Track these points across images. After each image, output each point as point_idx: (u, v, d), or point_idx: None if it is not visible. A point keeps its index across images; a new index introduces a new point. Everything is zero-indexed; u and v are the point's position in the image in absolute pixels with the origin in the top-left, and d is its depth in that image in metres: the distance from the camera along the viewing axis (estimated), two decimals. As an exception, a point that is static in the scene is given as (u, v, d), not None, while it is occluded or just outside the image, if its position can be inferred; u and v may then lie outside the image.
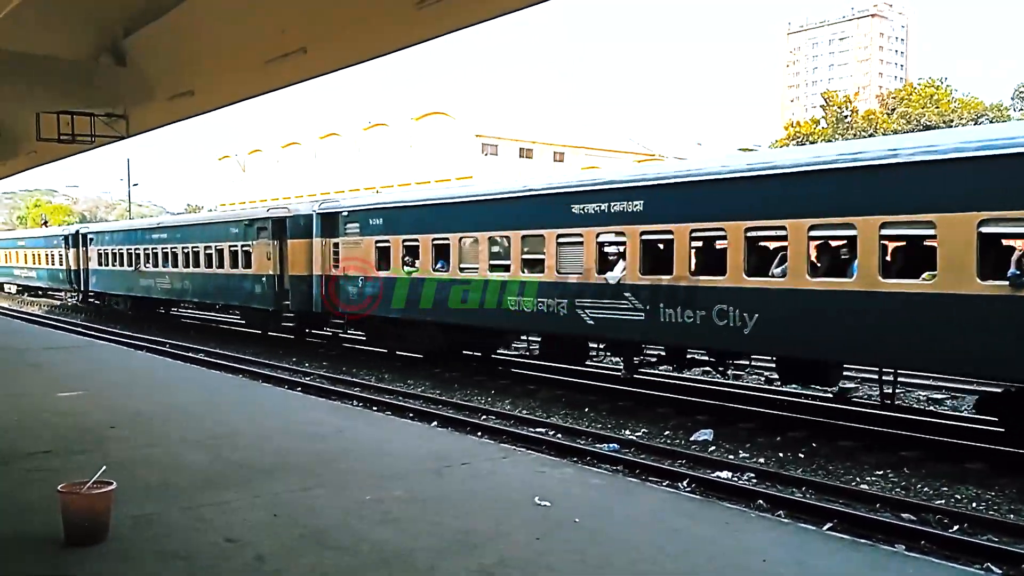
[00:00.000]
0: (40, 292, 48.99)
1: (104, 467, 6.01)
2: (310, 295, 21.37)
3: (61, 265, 39.58)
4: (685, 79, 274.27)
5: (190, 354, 22.03)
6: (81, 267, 37.09)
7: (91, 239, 36.27)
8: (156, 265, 29.92)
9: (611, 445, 11.68)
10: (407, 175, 63.03)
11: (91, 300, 38.34)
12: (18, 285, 50.96)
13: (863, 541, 6.25)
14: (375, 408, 14.42)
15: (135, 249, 31.67)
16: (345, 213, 20.46)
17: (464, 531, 5.97)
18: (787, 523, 6.97)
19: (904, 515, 8.57)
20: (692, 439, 12.39)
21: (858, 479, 10.39)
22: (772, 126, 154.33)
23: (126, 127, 19.40)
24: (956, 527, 8.27)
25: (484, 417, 13.83)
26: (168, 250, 28.98)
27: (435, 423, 13.08)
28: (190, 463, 7.97)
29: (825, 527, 8.15)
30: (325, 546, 5.64)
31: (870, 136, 53.09)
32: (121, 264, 32.83)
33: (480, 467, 7.91)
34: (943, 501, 9.45)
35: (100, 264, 35.14)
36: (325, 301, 20.90)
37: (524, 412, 14.53)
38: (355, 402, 15.03)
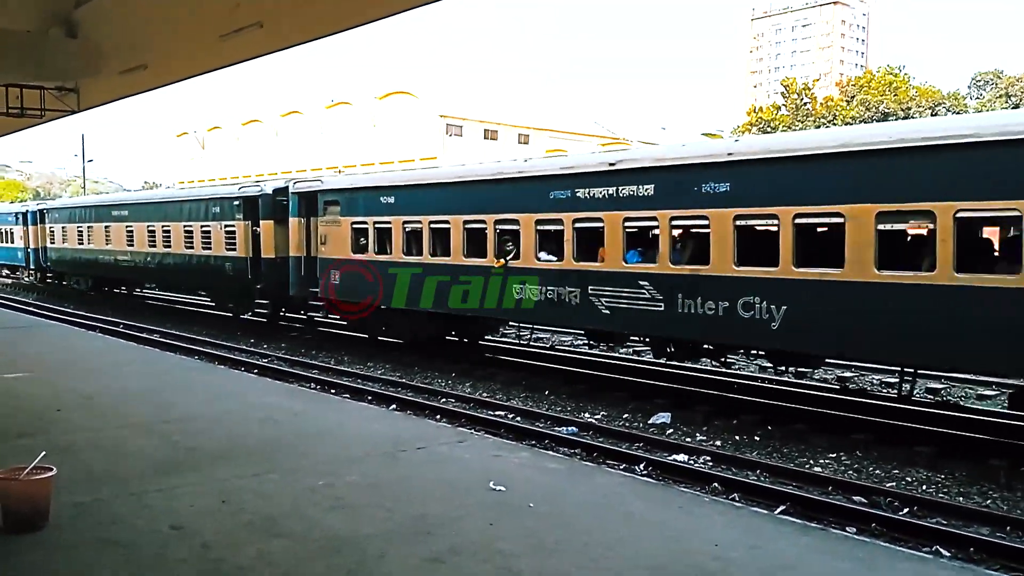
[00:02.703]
0: None
1: (44, 452, 5.83)
2: (285, 278, 20.24)
3: (18, 243, 38.20)
4: (649, 63, 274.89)
5: (145, 335, 21.58)
6: (40, 244, 35.70)
7: (50, 215, 34.85)
8: (119, 244, 28.52)
9: (569, 428, 11.69)
10: (370, 155, 62.35)
11: (49, 279, 37.32)
12: None
13: (814, 525, 6.33)
14: (333, 391, 14.26)
15: (95, 226, 30.33)
16: (327, 191, 19.10)
17: (417, 516, 5.90)
18: (740, 506, 7.01)
19: (856, 498, 8.69)
20: (650, 422, 12.45)
21: (811, 461, 10.52)
22: (736, 111, 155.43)
23: (77, 101, 18.87)
24: (906, 510, 8.41)
25: (443, 400, 13.75)
26: (132, 228, 27.61)
27: (393, 406, 12.97)
28: (138, 448, 7.79)
29: (778, 510, 8.24)
30: (273, 533, 5.53)
31: (830, 123, 53.72)
32: (82, 242, 31.43)
33: (436, 451, 7.84)
34: (894, 484, 9.60)
35: (61, 242, 33.60)
36: (302, 285, 19.70)
37: (484, 395, 14.48)
38: (313, 385, 14.86)
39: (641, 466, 9.73)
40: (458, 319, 17.08)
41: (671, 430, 12.02)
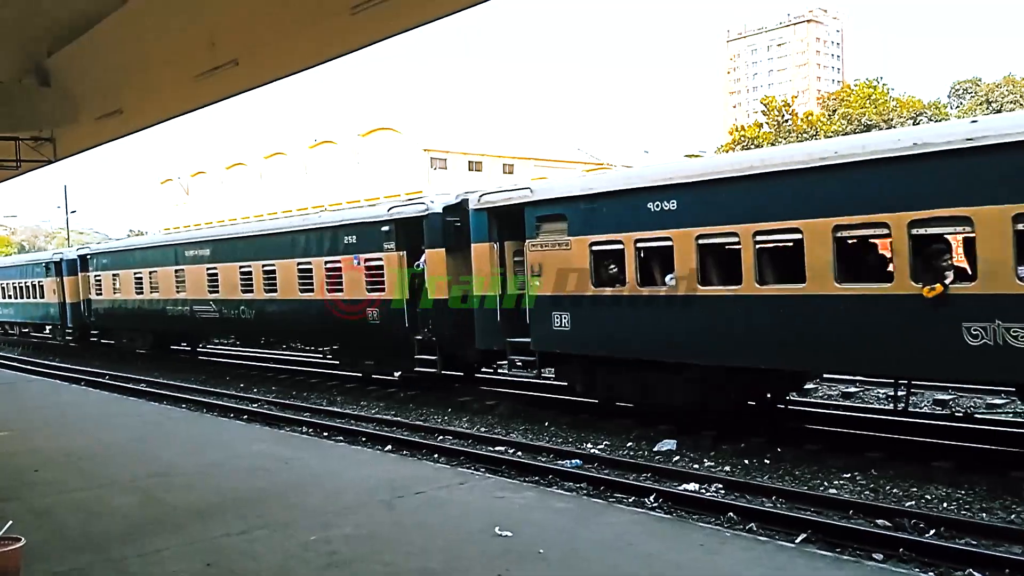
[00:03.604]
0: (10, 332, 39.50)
1: (11, 522, 5.37)
2: (461, 325, 15.19)
3: (50, 298, 31.83)
4: (629, 89, 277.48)
5: (130, 385, 21.05)
6: (81, 297, 29.86)
7: (95, 262, 28.97)
8: (196, 291, 22.88)
9: (573, 461, 11.25)
10: (355, 192, 62.21)
11: (94, 337, 31.42)
12: None
13: (846, 558, 5.92)
14: (326, 434, 13.80)
15: (161, 271, 24.65)
16: (543, 202, 13.53)
17: (419, 570, 5.47)
18: (764, 541, 6.57)
19: (879, 521, 8.28)
20: (655, 449, 12.04)
21: (826, 483, 10.13)
22: (716, 132, 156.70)
23: (53, 150, 18.53)
24: (932, 531, 7.99)
25: (440, 438, 13.29)
26: (216, 270, 22.16)
27: (389, 447, 12.52)
28: (119, 507, 7.32)
29: (799, 539, 7.84)
30: (263, 599, 5.08)
31: (812, 138, 53.92)
32: (141, 291, 25.75)
33: (435, 495, 7.40)
34: (913, 503, 9.21)
35: (111, 292, 27.67)
36: (495, 333, 14.47)
37: (483, 429, 14.05)
38: (304, 429, 14.37)
39: (651, 498, 9.30)
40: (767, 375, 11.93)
41: (677, 457, 11.61)
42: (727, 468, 10.93)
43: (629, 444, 12.48)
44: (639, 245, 12.13)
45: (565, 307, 13.10)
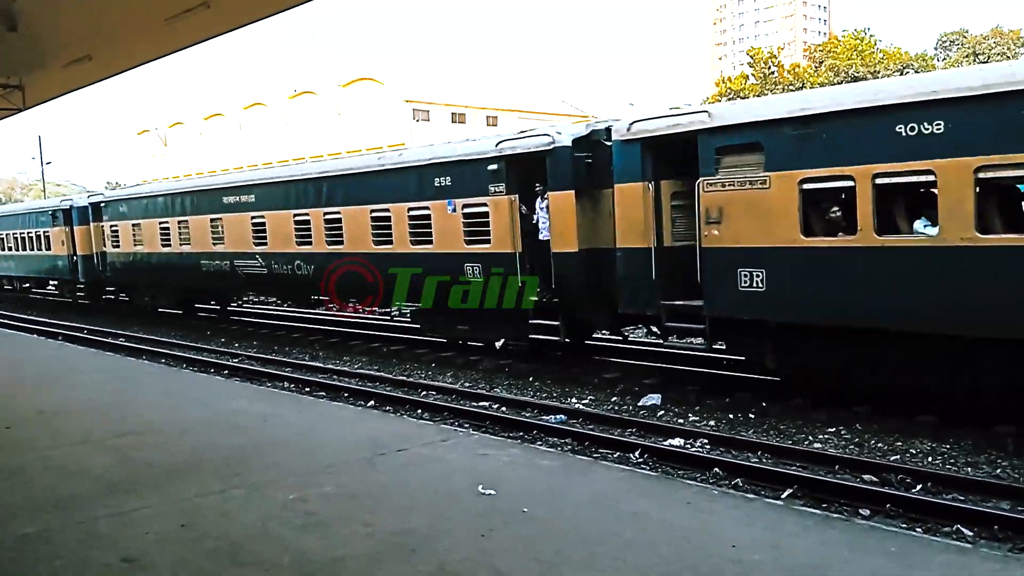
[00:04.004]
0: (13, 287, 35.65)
1: (-26, 485, 5.16)
2: (596, 282, 12.79)
3: (57, 250, 28.18)
4: (614, 41, 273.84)
5: (109, 340, 20.72)
6: (94, 250, 26.43)
7: (110, 210, 25.39)
8: (238, 243, 19.89)
9: (558, 416, 11.14)
10: (336, 144, 61.30)
11: (108, 294, 28.25)
12: None
13: (834, 516, 5.81)
14: (307, 390, 13.61)
15: (194, 220, 21.42)
16: (728, 128, 10.86)
17: (400, 531, 5.31)
18: (752, 498, 6.48)
19: (866, 476, 8.23)
20: (640, 404, 11.95)
21: (811, 437, 10.08)
22: (702, 84, 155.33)
23: (22, 98, 17.98)
24: (919, 487, 7.95)
25: (424, 393, 13.14)
26: (262, 219, 19.07)
27: (371, 403, 12.35)
28: (92, 467, 7.12)
29: (785, 494, 7.78)
30: (239, 561, 4.92)
31: (798, 89, 53.41)
32: (169, 243, 22.49)
33: (418, 453, 7.24)
34: (898, 457, 9.18)
35: (130, 244, 24.27)
36: (648, 293, 11.86)
37: (467, 384, 13.91)
38: (286, 384, 14.18)
39: (636, 453, 9.21)
40: None
41: (662, 412, 11.53)
42: (712, 423, 10.86)
43: (614, 399, 12.39)
44: (879, 181, 9.36)
45: (758, 262, 10.50)
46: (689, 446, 9.59)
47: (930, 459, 9.11)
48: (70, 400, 10.23)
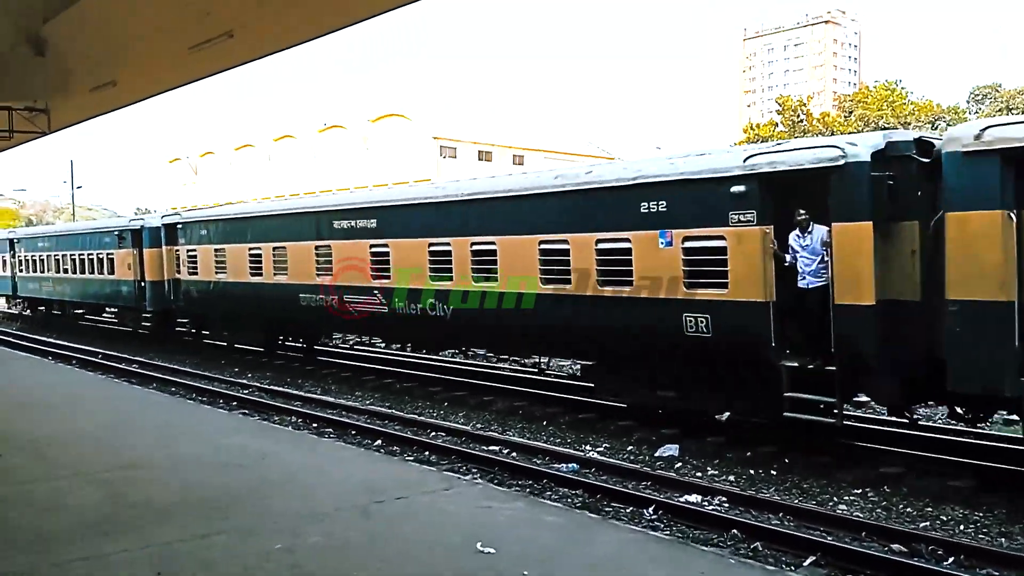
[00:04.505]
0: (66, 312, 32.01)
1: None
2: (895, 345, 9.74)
3: (122, 274, 25.32)
4: (642, 84, 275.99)
5: (122, 366, 20.57)
6: (166, 276, 23.35)
7: (188, 233, 22.53)
8: (349, 276, 16.88)
9: (570, 465, 10.69)
10: (364, 178, 61.72)
11: (181, 326, 24.92)
12: (29, 302, 34.93)
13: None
14: (315, 425, 13.28)
15: (297, 247, 18.38)
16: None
17: (388, 591, 4.92)
18: (772, 570, 6.01)
19: (893, 546, 7.70)
20: (657, 454, 11.49)
21: (835, 498, 9.58)
22: (730, 130, 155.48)
23: (48, 122, 18.12)
24: (951, 559, 7.42)
25: (433, 434, 12.74)
26: (385, 248, 16.03)
27: (379, 441, 12.02)
28: (78, 502, 6.81)
29: (808, 561, 7.29)
30: (211, 619, 4.54)
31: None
32: (260, 272, 19.35)
33: (417, 502, 6.84)
34: (928, 523, 8.66)
35: (209, 273, 21.30)
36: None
37: (479, 426, 13.52)
38: (294, 419, 13.85)
39: (650, 509, 8.74)
40: None
41: (680, 464, 11.05)
42: (731, 478, 10.38)
43: (630, 448, 11.94)
44: None
45: None
46: (706, 504, 9.11)
47: (962, 527, 8.59)
48: (67, 429, 9.96)
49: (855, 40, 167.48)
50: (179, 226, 22.97)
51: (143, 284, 24.28)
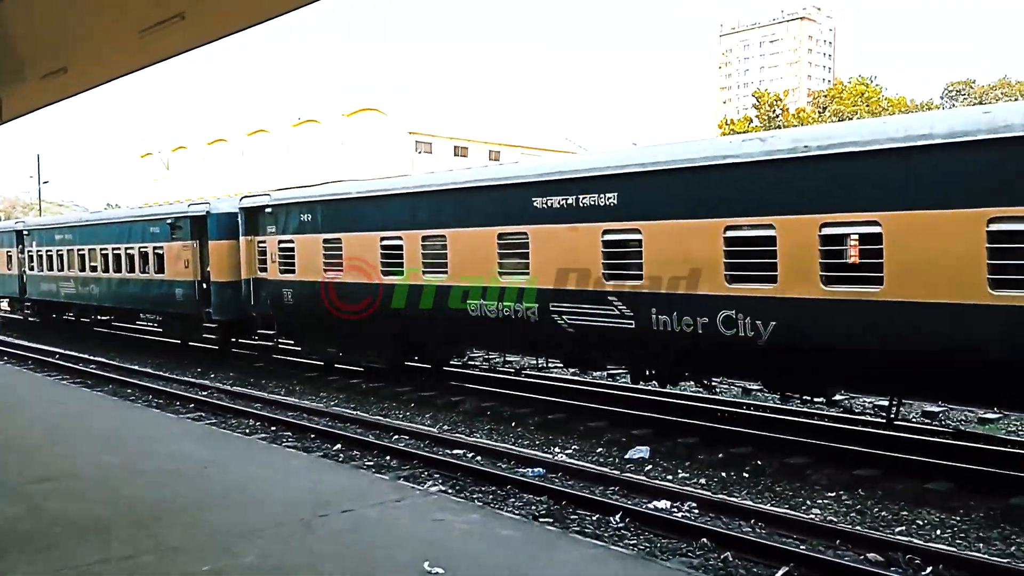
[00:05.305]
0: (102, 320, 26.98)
1: None
2: None
3: (170, 273, 20.58)
4: (618, 80, 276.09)
5: (73, 365, 19.83)
6: (242, 275, 18.52)
7: (279, 218, 17.48)
8: (547, 276, 12.08)
9: (535, 470, 10.26)
10: (338, 173, 60.99)
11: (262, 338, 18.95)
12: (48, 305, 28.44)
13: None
14: (274, 428, 12.77)
15: (459, 235, 13.51)
16: None
17: (321, 621, 4.46)
18: (740, 588, 5.61)
19: (870, 555, 7.35)
20: (627, 456, 11.14)
21: (808, 502, 9.25)
22: (705, 126, 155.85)
23: None
24: (928, 569, 7.08)
25: (396, 437, 12.27)
26: (646, 231, 10.93)
27: (339, 445, 11.50)
28: (-5, 518, 6.26)
29: (780, 572, 6.91)
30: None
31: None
32: (392, 270, 14.74)
33: (365, 515, 6.38)
34: (904, 528, 8.35)
35: (309, 269, 16.59)
36: None
37: (446, 428, 13.07)
38: (252, 421, 13.33)
39: (617, 517, 8.34)
40: None
41: (650, 466, 10.69)
42: (703, 481, 10.03)
43: (600, 449, 11.58)
44: None
45: None
46: (676, 510, 8.72)
47: (939, 532, 8.30)
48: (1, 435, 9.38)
49: (830, 37, 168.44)
50: (267, 210, 17.70)
51: (205, 286, 19.45)
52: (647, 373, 12.61)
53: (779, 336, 9.61)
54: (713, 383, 12.70)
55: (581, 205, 11.69)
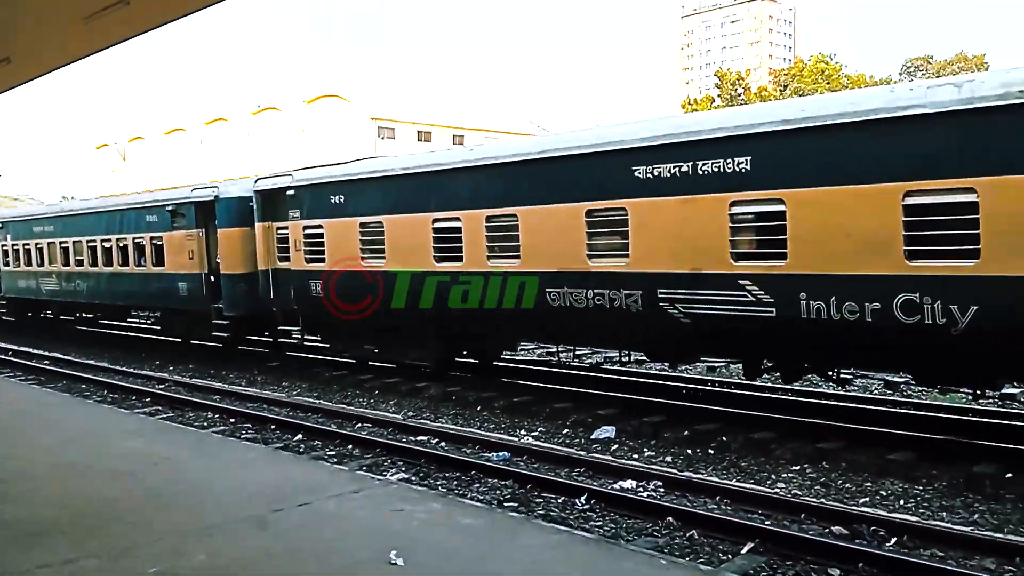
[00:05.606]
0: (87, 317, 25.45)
1: None
2: None
3: (172, 265, 18.74)
4: (581, 62, 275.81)
5: (23, 361, 19.31)
6: (260, 265, 16.74)
7: (304, 201, 15.68)
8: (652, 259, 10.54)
9: (501, 454, 10.15)
10: (300, 160, 60.19)
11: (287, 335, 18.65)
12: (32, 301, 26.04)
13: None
14: (232, 420, 12.50)
15: (539, 212, 11.85)
16: None
17: (273, 620, 4.29)
18: (706, 570, 5.54)
19: (835, 528, 7.35)
20: (593, 437, 11.09)
21: (774, 476, 9.26)
22: (669, 106, 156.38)
23: (-61, 104, 16.87)
24: (894, 539, 7.09)
25: (358, 425, 12.08)
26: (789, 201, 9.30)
27: (299, 436, 11.29)
28: (-67, 525, 5.99)
29: (746, 548, 6.88)
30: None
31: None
32: (448, 256, 13.08)
33: (322, 508, 6.20)
34: (867, 499, 8.38)
35: (341, 254, 14.94)
36: None
37: (410, 414, 12.90)
38: (211, 414, 13.03)
39: (583, 499, 8.26)
40: None
41: (616, 446, 10.64)
42: (668, 459, 10.01)
43: (566, 431, 11.52)
44: None
45: None
46: (641, 489, 8.67)
47: (902, 502, 8.35)
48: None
49: (790, 16, 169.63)
50: (288, 193, 15.79)
51: (213, 279, 17.75)
52: (763, 366, 11.05)
53: (981, 323, 8.02)
54: (843, 376, 11.25)
55: (700, 172, 9.97)
